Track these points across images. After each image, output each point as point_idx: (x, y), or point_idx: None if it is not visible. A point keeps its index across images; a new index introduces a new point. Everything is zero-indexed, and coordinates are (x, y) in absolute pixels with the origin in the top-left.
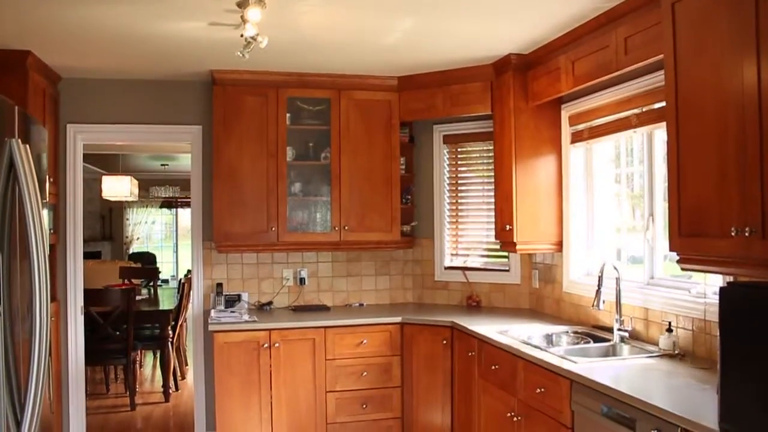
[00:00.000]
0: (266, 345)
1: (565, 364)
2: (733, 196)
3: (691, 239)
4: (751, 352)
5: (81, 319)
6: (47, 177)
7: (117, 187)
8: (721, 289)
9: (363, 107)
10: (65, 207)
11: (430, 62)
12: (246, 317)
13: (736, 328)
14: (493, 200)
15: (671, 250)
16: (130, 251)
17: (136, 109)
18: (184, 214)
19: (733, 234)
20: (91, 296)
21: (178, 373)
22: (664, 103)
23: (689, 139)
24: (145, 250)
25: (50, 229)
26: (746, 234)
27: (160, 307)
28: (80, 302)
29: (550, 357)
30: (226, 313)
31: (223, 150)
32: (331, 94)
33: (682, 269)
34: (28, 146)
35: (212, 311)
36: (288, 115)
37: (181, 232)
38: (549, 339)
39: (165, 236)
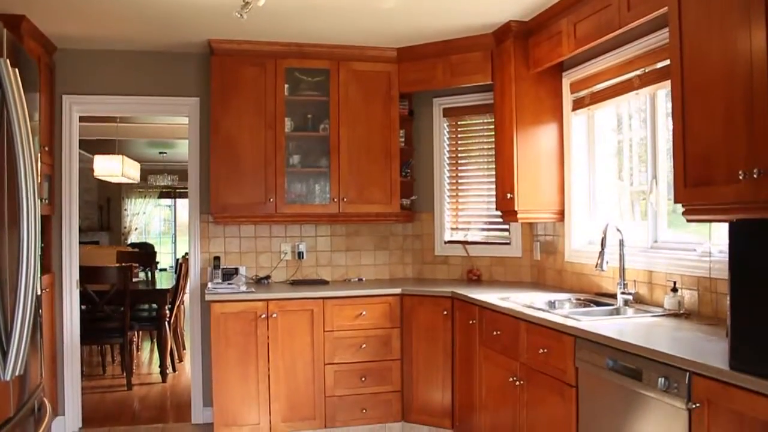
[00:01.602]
0: (264, 316)
1: (569, 322)
2: (740, 140)
3: (697, 189)
4: (762, 287)
5: (76, 293)
6: (42, 146)
7: (109, 167)
8: (731, 224)
9: (362, 78)
10: (60, 178)
11: (429, 31)
12: (243, 289)
13: (746, 264)
14: (493, 174)
15: (677, 201)
16: (128, 242)
17: (133, 80)
18: (183, 207)
19: (741, 177)
20: (87, 274)
21: (176, 356)
22: (666, 62)
23: (694, 89)
24: (143, 241)
25: (45, 200)
26: (755, 176)
27: (158, 287)
28: (75, 275)
29: (554, 317)
30: (223, 286)
31: (220, 121)
32: (330, 65)
33: (688, 221)
34: (17, 70)
35: (209, 284)
36: (286, 85)
37: (180, 228)
38: (551, 304)
39: (163, 231)
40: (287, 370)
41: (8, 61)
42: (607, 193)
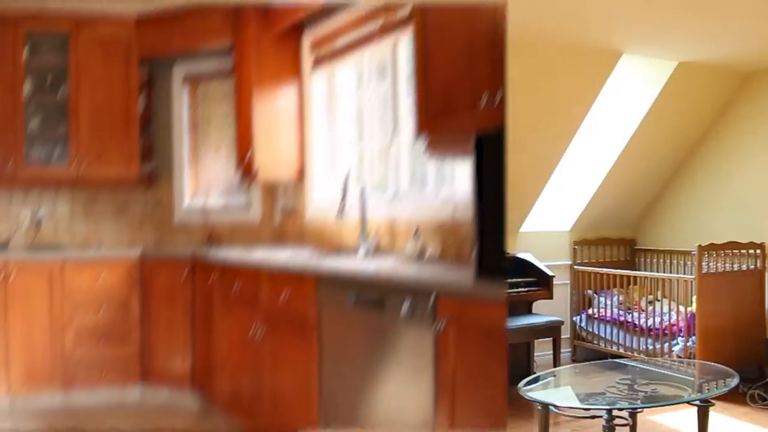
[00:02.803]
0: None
1: (311, 263)
2: (482, 70)
3: (439, 119)
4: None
5: None
6: None
7: None
8: (477, 138)
9: (103, 43)
10: None
11: None
12: None
13: (486, 174)
14: (235, 139)
15: (420, 130)
16: None
17: None
18: None
19: (483, 104)
20: None
21: None
22: (407, 11)
23: (436, 28)
24: None
25: None
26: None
27: None
28: None
29: (295, 262)
30: None
31: None
32: (71, 29)
33: (430, 155)
34: None
35: None
36: (26, 48)
37: None
38: (292, 257)
39: None
40: (24, 334)
41: None
42: (348, 152)
